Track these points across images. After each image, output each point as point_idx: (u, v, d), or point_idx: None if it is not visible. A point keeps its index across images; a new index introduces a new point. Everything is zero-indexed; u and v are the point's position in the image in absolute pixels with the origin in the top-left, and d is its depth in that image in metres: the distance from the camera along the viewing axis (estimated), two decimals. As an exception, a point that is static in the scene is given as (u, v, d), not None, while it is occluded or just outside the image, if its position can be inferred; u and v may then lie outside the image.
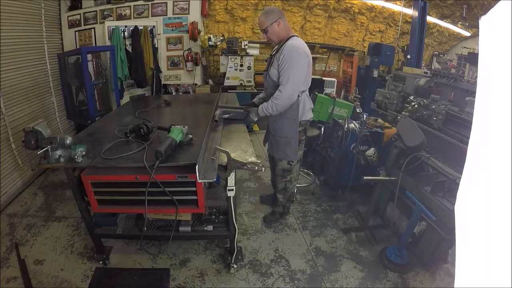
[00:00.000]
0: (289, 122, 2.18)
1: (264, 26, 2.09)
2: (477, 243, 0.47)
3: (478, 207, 0.46)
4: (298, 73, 2.06)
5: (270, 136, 2.35)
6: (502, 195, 0.42)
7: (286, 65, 2.02)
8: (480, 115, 0.46)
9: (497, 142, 0.43)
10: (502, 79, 0.41)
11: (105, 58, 4.05)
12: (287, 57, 2.02)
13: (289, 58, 2.02)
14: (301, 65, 2.05)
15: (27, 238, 2.42)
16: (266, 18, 2.08)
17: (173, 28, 4.77)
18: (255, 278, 2.06)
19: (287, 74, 2.03)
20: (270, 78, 2.19)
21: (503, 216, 0.42)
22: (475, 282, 0.47)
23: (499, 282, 0.43)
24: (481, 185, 0.46)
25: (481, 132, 0.46)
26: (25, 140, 1.62)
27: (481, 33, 0.44)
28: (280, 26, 2.10)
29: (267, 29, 2.09)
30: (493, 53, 0.43)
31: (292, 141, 2.22)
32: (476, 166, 0.47)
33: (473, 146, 0.47)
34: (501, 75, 0.41)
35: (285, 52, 2.04)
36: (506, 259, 0.41)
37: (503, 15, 0.40)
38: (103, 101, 4.09)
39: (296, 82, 2.05)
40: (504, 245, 0.42)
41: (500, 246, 0.42)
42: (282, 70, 2.05)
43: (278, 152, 2.30)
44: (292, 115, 2.17)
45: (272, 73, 2.15)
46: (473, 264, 0.47)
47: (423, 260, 2.14)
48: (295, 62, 2.03)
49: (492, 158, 0.44)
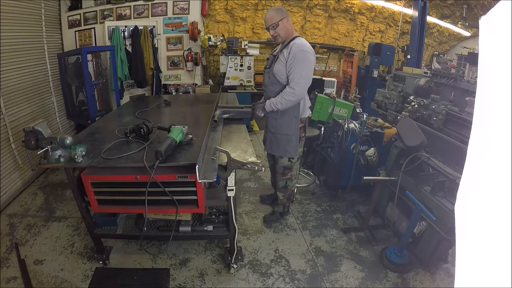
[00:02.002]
0: (291, 119, 2.20)
1: (274, 21, 2.06)
2: (477, 243, 0.47)
3: (478, 207, 0.46)
4: (309, 71, 2.08)
5: (269, 135, 2.35)
6: (502, 195, 0.42)
7: (297, 63, 2.02)
8: (480, 115, 0.46)
9: (497, 142, 0.43)
10: (502, 79, 0.41)
11: (105, 58, 4.05)
12: (298, 55, 2.02)
13: (300, 56, 2.02)
14: (311, 64, 2.08)
15: (27, 238, 2.42)
16: (277, 14, 2.07)
17: (173, 28, 4.77)
18: (255, 278, 2.06)
19: (299, 72, 2.03)
20: (273, 75, 2.17)
21: (503, 216, 0.42)
22: (475, 282, 0.47)
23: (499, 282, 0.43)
24: (481, 185, 0.46)
25: (481, 132, 0.46)
26: (25, 140, 1.62)
27: (481, 33, 0.44)
28: (288, 23, 2.10)
29: (277, 24, 2.06)
30: (493, 53, 0.43)
31: (293, 138, 2.24)
32: (476, 166, 0.47)
33: (473, 146, 0.47)
34: (501, 75, 0.41)
35: (295, 50, 2.03)
36: (506, 259, 0.41)
37: (503, 15, 0.40)
38: (103, 101, 4.08)
39: (308, 80, 2.09)
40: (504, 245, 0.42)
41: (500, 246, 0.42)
42: (292, 68, 2.04)
43: (279, 149, 2.31)
44: (294, 112, 2.19)
45: (277, 69, 2.13)
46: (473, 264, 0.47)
47: (423, 260, 2.14)
48: (307, 60, 2.04)
49: (492, 158, 0.44)
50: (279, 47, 2.28)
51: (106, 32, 4.45)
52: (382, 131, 2.80)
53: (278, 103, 2.11)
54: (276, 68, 2.14)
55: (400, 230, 2.38)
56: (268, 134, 2.37)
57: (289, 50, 2.06)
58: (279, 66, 2.12)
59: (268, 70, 2.26)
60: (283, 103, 2.10)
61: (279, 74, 2.13)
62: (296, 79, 2.04)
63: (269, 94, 2.26)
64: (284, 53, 2.09)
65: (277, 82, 2.17)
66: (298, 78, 2.04)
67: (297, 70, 2.03)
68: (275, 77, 2.16)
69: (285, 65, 2.08)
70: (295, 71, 2.04)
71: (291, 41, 2.11)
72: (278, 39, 2.15)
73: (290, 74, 2.06)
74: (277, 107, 2.13)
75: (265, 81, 2.32)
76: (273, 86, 2.21)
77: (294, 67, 2.04)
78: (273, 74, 2.16)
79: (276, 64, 2.14)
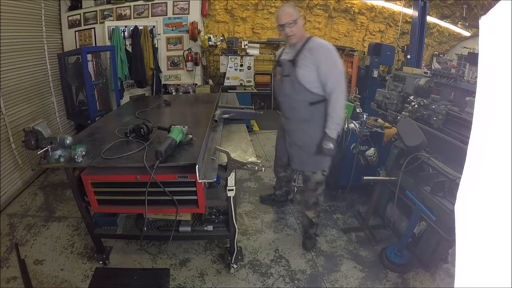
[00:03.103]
0: (319, 128, 1.99)
1: (293, 18, 1.84)
2: (477, 243, 0.47)
3: (478, 207, 0.46)
4: (343, 74, 1.90)
5: (296, 150, 2.10)
6: (502, 195, 0.42)
7: (332, 67, 1.84)
8: (480, 115, 0.46)
9: (497, 142, 0.43)
10: (502, 79, 0.41)
11: (105, 58, 4.05)
12: (330, 58, 1.84)
13: (332, 59, 1.84)
14: (342, 66, 1.89)
15: (27, 238, 2.42)
16: (294, 10, 1.87)
17: (173, 28, 4.77)
18: (255, 278, 2.06)
19: (336, 77, 1.85)
20: (298, 83, 1.91)
21: (503, 216, 0.42)
22: (475, 282, 0.47)
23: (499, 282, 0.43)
24: (481, 185, 0.46)
25: (481, 132, 0.46)
26: (25, 140, 1.63)
27: (481, 33, 0.44)
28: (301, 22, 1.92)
29: (295, 22, 1.85)
30: (493, 53, 0.43)
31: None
32: (476, 166, 0.47)
33: (473, 146, 0.47)
34: (501, 75, 0.41)
35: (323, 52, 1.84)
36: (506, 259, 0.41)
37: (503, 15, 0.40)
38: (103, 101, 4.08)
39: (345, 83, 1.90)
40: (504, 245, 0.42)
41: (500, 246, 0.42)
42: (328, 73, 1.84)
43: (311, 164, 2.08)
44: (321, 119, 1.97)
45: (303, 75, 1.88)
46: (473, 264, 0.47)
47: (423, 260, 2.14)
48: (339, 62, 1.86)
49: (492, 158, 0.44)
50: (287, 49, 2.05)
51: (106, 32, 4.45)
52: (382, 131, 2.80)
53: (337, 118, 1.89)
54: (301, 74, 1.89)
55: (400, 230, 2.38)
56: (294, 150, 2.11)
57: (313, 52, 1.85)
58: (305, 71, 1.87)
59: (288, 79, 1.97)
60: (340, 113, 1.88)
61: (307, 80, 1.89)
62: (335, 85, 1.84)
63: (294, 104, 2.01)
64: (307, 55, 1.86)
65: (305, 90, 1.92)
66: (337, 83, 1.84)
67: (334, 75, 1.83)
68: (302, 85, 1.91)
69: (314, 68, 1.85)
70: (331, 77, 1.83)
71: (308, 41, 1.91)
72: (292, 39, 1.91)
73: (330, 77, 1.84)
74: (339, 124, 1.92)
75: (287, 91, 2.02)
76: (299, 94, 1.95)
77: (328, 72, 1.83)
78: (299, 82, 1.91)
79: (301, 70, 1.89)
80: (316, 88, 1.91)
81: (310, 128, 2.01)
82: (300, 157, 2.10)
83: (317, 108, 1.96)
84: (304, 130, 2.02)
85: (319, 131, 1.98)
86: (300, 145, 2.06)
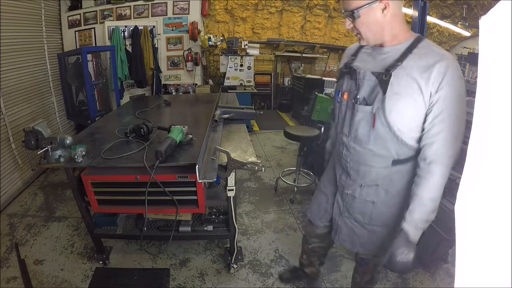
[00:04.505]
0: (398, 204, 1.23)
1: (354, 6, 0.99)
2: (477, 243, 0.47)
3: (478, 207, 0.46)
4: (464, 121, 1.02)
5: (352, 224, 1.32)
6: (502, 195, 0.42)
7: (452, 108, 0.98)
8: (480, 115, 0.46)
9: (496, 142, 0.43)
10: (502, 79, 0.41)
11: (105, 58, 4.06)
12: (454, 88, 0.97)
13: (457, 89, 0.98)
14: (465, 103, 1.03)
15: (27, 238, 2.42)
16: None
17: (173, 28, 4.78)
18: (255, 278, 2.06)
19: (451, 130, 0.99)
20: (385, 121, 1.05)
21: (503, 216, 0.42)
22: (475, 282, 0.47)
23: (499, 282, 0.43)
24: (481, 185, 0.46)
25: (481, 132, 0.46)
26: (25, 140, 1.62)
27: (481, 33, 0.44)
28: (387, 13, 0.99)
29: (355, 13, 1.00)
30: (493, 53, 0.43)
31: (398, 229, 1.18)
32: (476, 166, 0.47)
33: (473, 146, 0.47)
34: (501, 75, 0.42)
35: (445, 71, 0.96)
36: (506, 259, 0.41)
37: (503, 15, 0.40)
38: (103, 101, 4.09)
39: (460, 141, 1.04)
40: (504, 245, 0.42)
41: (500, 246, 0.42)
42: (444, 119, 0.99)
43: (371, 246, 1.32)
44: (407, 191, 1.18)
45: (400, 112, 1.03)
46: (473, 264, 0.47)
47: (423, 260, 2.14)
48: (464, 98, 1.02)
49: (492, 158, 0.44)
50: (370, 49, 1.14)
51: (106, 32, 4.45)
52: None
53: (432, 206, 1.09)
54: (398, 109, 1.02)
55: (400, 230, 2.37)
56: (349, 222, 1.33)
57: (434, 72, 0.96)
58: (405, 105, 1.01)
59: (367, 111, 1.08)
60: (437, 198, 1.09)
61: (405, 123, 1.05)
62: (448, 139, 1.01)
63: (368, 157, 1.16)
64: (418, 76, 0.98)
65: (393, 138, 1.07)
66: (454, 137, 1.01)
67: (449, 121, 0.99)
68: (392, 129, 1.05)
69: (421, 102, 0.99)
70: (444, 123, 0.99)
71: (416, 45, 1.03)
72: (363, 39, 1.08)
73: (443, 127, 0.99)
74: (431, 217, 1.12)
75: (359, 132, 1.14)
76: (378, 142, 1.10)
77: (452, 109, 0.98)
78: (388, 123, 1.05)
79: (399, 102, 1.02)
80: (412, 139, 1.08)
81: (381, 199, 1.22)
82: (353, 233, 1.33)
83: (402, 169, 1.16)
84: (372, 201, 1.23)
85: (396, 208, 1.22)
86: (362, 221, 1.29)
